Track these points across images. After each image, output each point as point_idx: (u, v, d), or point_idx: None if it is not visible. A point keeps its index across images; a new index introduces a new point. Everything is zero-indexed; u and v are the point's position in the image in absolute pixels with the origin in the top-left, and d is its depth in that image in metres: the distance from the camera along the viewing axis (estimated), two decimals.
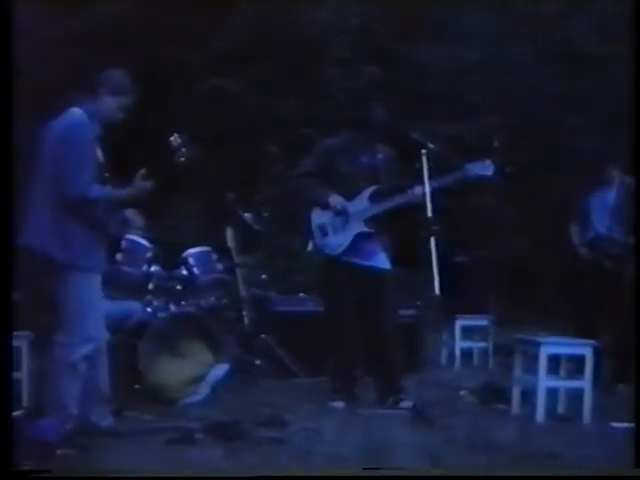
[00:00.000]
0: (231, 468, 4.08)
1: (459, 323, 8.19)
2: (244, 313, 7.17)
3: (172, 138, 5.16)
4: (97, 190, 4.68)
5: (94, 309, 4.78)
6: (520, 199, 8.85)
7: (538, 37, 11.15)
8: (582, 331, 6.58)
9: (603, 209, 6.99)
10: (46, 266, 4.75)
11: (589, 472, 4.20)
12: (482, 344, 8.27)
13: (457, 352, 8.18)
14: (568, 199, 7.50)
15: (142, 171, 4.76)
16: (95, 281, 4.80)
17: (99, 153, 4.85)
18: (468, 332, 8.29)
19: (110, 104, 4.83)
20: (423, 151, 5.59)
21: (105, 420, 4.74)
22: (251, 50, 10.49)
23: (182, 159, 5.09)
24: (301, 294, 7.65)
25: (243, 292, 7.12)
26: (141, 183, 4.74)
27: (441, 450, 4.60)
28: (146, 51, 10.16)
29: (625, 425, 5.33)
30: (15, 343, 5.83)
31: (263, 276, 7.28)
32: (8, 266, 4.27)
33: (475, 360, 8.30)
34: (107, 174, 4.81)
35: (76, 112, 4.77)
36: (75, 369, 4.67)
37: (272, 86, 10.55)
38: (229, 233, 7.13)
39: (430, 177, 5.60)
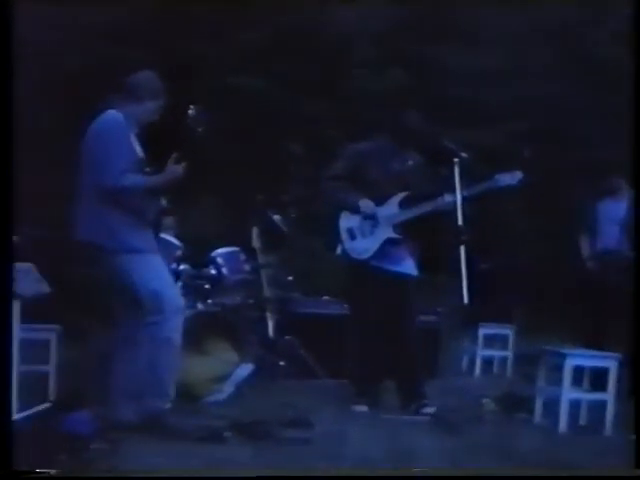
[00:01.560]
0: (259, 467, 4.12)
1: (482, 331, 8.22)
2: (268, 314, 7.21)
3: (190, 110, 5.22)
4: (131, 178, 4.81)
5: (168, 284, 4.99)
6: (544, 208, 8.86)
7: (565, 46, 11.13)
8: (594, 344, 6.60)
9: (613, 222, 7.02)
10: (96, 257, 4.89)
11: (589, 472, 4.21)
12: (503, 353, 8.30)
13: (478, 360, 8.20)
14: (580, 210, 7.51)
15: (174, 155, 4.87)
16: (155, 260, 4.97)
17: (138, 149, 4.98)
18: (490, 340, 8.32)
19: (144, 107, 4.99)
20: (455, 160, 5.62)
21: (134, 415, 4.79)
22: (278, 49, 10.51)
23: (200, 129, 5.15)
24: (325, 297, 7.70)
25: (267, 293, 7.16)
26: (173, 168, 4.86)
27: (464, 457, 4.63)
28: (172, 46, 10.19)
29: None
30: (44, 336, 5.96)
31: (289, 277, 7.31)
32: (7, 258, 4.31)
33: (496, 369, 8.31)
34: (148, 169, 4.92)
35: (112, 112, 4.95)
36: (171, 343, 4.84)
37: (297, 86, 10.59)
38: (255, 233, 7.17)
39: (461, 186, 5.64)
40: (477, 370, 8.15)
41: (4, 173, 4.10)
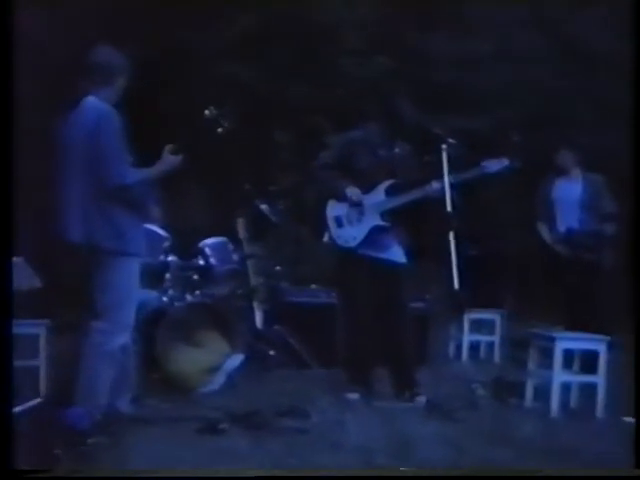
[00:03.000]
0: (257, 457, 4.12)
1: (469, 317, 8.21)
2: (255, 304, 7.20)
3: (207, 111, 5.15)
4: (134, 173, 4.70)
5: (132, 297, 4.84)
6: (533, 194, 8.87)
7: (552, 33, 11.13)
8: (583, 326, 6.62)
9: (571, 203, 7.08)
10: (89, 257, 4.78)
11: (589, 472, 4.25)
12: (491, 338, 8.30)
13: (465, 346, 8.21)
14: (536, 196, 7.54)
15: (169, 146, 4.78)
16: (136, 268, 4.85)
17: None
18: (477, 325, 8.32)
19: (115, 88, 4.80)
20: (443, 146, 5.62)
21: (127, 408, 4.77)
22: (265, 37, 10.44)
23: (220, 130, 5.07)
24: (313, 285, 7.69)
25: (254, 282, 7.13)
26: (170, 158, 4.76)
27: (459, 443, 4.65)
28: (158, 35, 10.09)
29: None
30: (33, 331, 5.92)
31: (277, 267, 7.30)
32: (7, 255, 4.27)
33: (483, 354, 8.32)
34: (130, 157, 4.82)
35: (95, 101, 4.73)
36: (112, 358, 4.69)
37: (285, 74, 10.54)
38: (240, 224, 7.14)
39: (449, 172, 5.64)
40: (465, 356, 8.13)
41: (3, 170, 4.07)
